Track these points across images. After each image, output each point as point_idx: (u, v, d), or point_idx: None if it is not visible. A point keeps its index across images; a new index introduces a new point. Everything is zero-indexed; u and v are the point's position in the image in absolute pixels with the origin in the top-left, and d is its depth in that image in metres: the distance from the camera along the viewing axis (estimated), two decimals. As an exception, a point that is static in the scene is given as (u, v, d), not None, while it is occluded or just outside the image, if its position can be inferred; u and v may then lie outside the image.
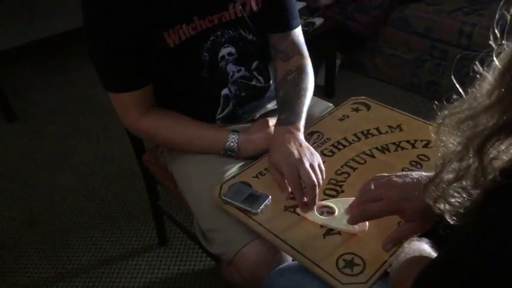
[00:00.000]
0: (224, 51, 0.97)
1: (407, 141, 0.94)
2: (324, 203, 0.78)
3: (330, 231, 0.74)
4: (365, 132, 0.98)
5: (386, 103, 1.08)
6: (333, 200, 0.79)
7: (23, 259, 1.54)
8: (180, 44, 0.90)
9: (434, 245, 0.63)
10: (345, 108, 1.08)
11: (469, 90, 0.46)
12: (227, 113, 1.04)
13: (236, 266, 0.81)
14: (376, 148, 0.93)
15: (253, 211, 0.77)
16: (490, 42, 0.43)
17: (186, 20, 0.90)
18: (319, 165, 0.81)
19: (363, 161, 0.90)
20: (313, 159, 0.81)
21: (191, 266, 1.46)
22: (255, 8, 0.98)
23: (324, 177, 0.82)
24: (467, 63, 2.02)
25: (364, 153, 0.92)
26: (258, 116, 1.11)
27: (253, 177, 0.87)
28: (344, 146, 0.95)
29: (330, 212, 0.77)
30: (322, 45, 2.20)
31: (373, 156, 0.91)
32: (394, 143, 0.94)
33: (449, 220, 0.50)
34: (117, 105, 0.96)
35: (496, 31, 0.43)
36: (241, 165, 0.94)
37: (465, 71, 2.03)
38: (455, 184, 0.46)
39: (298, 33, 1.06)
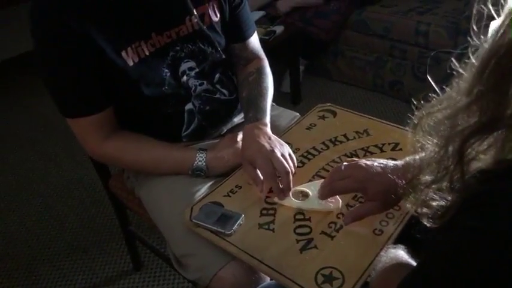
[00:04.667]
0: (184, 66, 0.95)
1: (375, 146, 0.94)
2: (298, 188, 0.82)
3: (306, 246, 0.73)
4: (333, 139, 0.98)
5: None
6: (306, 184, 0.84)
7: (-11, 300, 1.45)
8: (140, 62, 0.87)
9: (411, 251, 0.63)
10: (311, 116, 1.07)
11: (446, 88, 0.44)
12: (193, 130, 1.01)
13: (214, 290, 0.78)
14: (345, 155, 0.93)
15: (227, 232, 0.75)
16: (468, 38, 0.41)
17: (144, 37, 0.88)
18: (289, 155, 0.86)
19: (333, 170, 0.89)
20: (283, 149, 0.86)
21: (169, 289, 1.42)
22: (214, 18, 0.97)
23: (296, 164, 0.86)
24: (425, 61, 2.07)
25: (333, 161, 0.92)
26: (225, 130, 1.09)
27: (225, 196, 0.85)
28: (313, 156, 0.94)
29: (305, 196, 0.81)
30: (284, 52, 2.21)
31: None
32: (362, 149, 0.94)
33: (426, 223, 0.49)
34: (77, 131, 0.92)
35: (474, 26, 0.41)
36: (211, 184, 0.91)
37: (424, 69, 2.09)
38: (433, 186, 0.45)
39: (255, 38, 1.10)
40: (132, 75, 0.87)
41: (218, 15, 0.98)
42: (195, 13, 0.94)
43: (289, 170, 0.82)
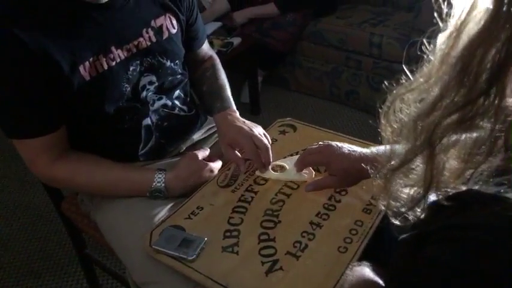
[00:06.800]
0: (145, 80, 0.92)
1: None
2: (276, 162, 0.92)
3: (271, 268, 0.71)
4: (294, 154, 0.97)
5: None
6: (282, 159, 0.94)
7: None
8: (98, 76, 0.83)
9: (375, 268, 0.63)
10: (272, 131, 1.06)
11: (416, 72, 0.42)
12: (151, 147, 0.98)
13: (177, 319, 0.75)
14: (308, 170, 0.92)
15: (189, 258, 0.72)
16: (436, 16, 0.39)
17: (103, 51, 0.83)
18: (264, 134, 0.95)
19: (295, 186, 0.89)
20: (259, 130, 0.94)
21: (130, 313, 1.36)
22: (172, 30, 0.95)
23: (270, 142, 0.93)
24: (380, 71, 2.14)
25: (296, 177, 0.91)
26: (184, 148, 1.06)
27: (186, 218, 0.82)
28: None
29: (282, 169, 0.91)
30: (242, 63, 2.20)
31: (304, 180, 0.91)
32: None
33: (391, 219, 0.48)
34: (24, 153, 0.85)
35: (443, 6, 0.39)
36: (172, 206, 0.88)
37: (379, 79, 2.15)
38: (402, 179, 0.43)
39: (206, 42, 1.14)
40: (89, 90, 0.83)
41: (176, 27, 0.96)
42: (152, 25, 0.91)
43: (268, 146, 0.90)
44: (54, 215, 1.67)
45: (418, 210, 0.44)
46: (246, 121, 0.96)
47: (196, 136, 1.09)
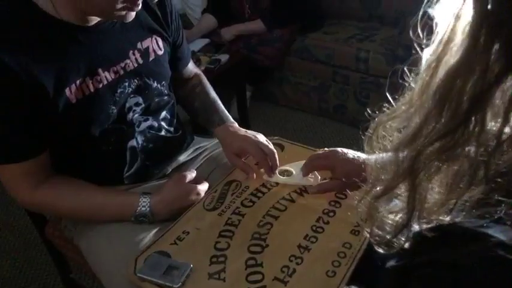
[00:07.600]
0: (131, 101, 0.91)
1: (324, 179, 0.94)
2: (283, 167, 0.96)
3: (259, 294, 0.70)
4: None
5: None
6: (289, 164, 0.97)
7: None
8: (84, 99, 0.81)
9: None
10: (259, 151, 1.06)
11: (400, 98, 0.42)
12: (136, 170, 0.96)
13: None
14: (295, 191, 0.92)
15: (175, 286, 0.70)
16: (415, 45, 0.40)
17: (90, 73, 0.82)
18: (267, 141, 0.99)
19: (283, 208, 0.88)
20: (262, 137, 0.99)
21: (116, 338, 1.32)
22: (159, 52, 0.95)
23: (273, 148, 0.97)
24: (367, 86, 2.15)
25: (283, 198, 0.90)
26: (170, 170, 1.04)
27: (172, 244, 0.80)
28: (263, 193, 0.92)
29: (289, 174, 0.95)
30: (231, 80, 2.20)
31: (292, 200, 0.90)
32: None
33: (375, 247, 0.48)
34: (4, 178, 0.83)
35: (420, 32, 0.39)
36: (157, 231, 0.86)
37: (366, 94, 2.17)
38: (387, 204, 0.43)
39: (191, 61, 1.14)
40: (75, 113, 0.81)
41: (163, 48, 0.96)
42: (138, 47, 0.90)
43: (274, 151, 0.95)
44: (37, 238, 1.64)
45: (402, 238, 0.43)
46: (248, 130, 1.00)
47: (183, 158, 1.07)
